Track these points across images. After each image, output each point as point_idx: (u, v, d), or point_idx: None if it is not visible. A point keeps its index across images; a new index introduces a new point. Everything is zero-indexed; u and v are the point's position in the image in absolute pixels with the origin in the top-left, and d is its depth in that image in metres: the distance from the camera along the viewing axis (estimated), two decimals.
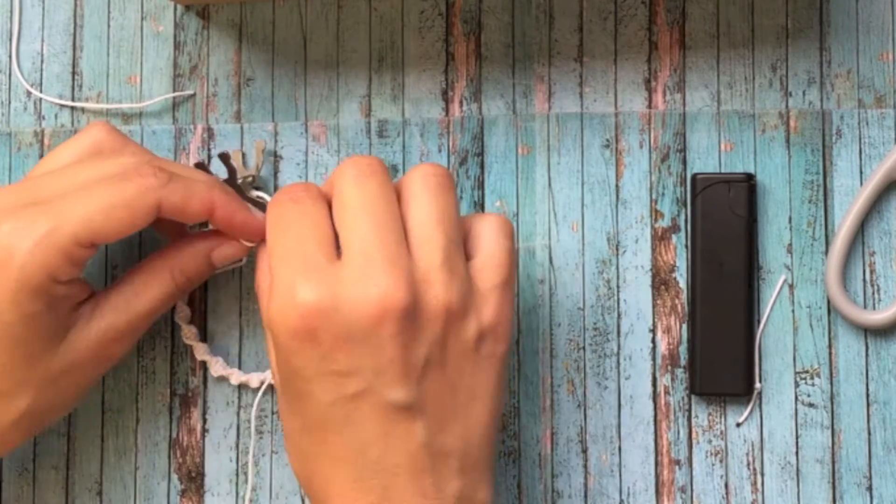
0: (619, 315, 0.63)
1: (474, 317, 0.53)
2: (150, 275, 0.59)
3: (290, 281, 0.52)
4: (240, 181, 0.63)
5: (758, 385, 0.62)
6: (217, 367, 0.63)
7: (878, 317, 0.61)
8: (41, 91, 0.66)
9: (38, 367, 0.56)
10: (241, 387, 0.64)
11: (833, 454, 0.61)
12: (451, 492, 0.53)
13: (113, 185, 0.55)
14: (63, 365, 0.57)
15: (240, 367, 0.64)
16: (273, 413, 0.64)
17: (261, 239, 0.58)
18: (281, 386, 0.55)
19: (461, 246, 0.54)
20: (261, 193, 0.63)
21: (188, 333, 0.63)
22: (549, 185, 0.63)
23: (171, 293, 0.59)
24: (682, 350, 0.62)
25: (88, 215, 0.54)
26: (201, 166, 0.63)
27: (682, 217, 0.63)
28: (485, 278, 0.54)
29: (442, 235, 0.53)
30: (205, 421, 0.64)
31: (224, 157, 0.63)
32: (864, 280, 0.62)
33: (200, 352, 0.63)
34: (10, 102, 0.66)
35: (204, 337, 0.64)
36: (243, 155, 0.64)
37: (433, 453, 0.52)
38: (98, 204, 0.55)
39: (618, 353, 0.63)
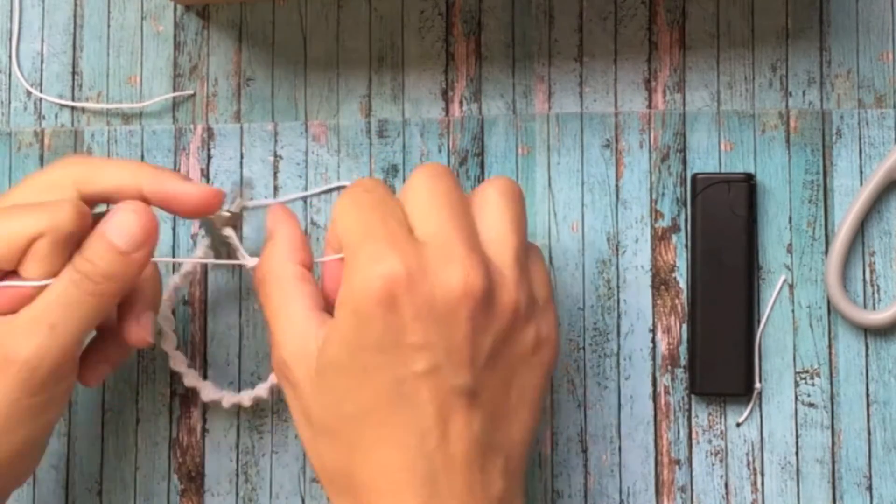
0: (619, 315, 0.63)
1: (534, 323, 0.54)
2: (59, 275, 0.55)
3: (376, 251, 0.52)
4: (214, 215, 0.60)
5: (758, 385, 0.62)
6: (208, 392, 0.63)
7: (878, 317, 0.61)
8: (41, 91, 0.66)
9: None
10: (240, 393, 0.64)
11: (833, 454, 0.61)
12: (494, 493, 0.53)
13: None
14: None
15: (239, 366, 0.64)
16: (273, 413, 0.64)
17: (197, 209, 0.56)
18: (337, 368, 0.52)
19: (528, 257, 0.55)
20: (231, 234, 0.60)
21: (176, 361, 0.63)
22: (549, 185, 0.63)
23: (75, 284, 0.54)
24: (682, 350, 0.62)
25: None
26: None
27: (682, 217, 0.63)
28: (539, 293, 0.55)
29: (514, 237, 0.54)
30: (205, 421, 0.64)
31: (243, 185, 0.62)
32: (864, 280, 0.62)
33: (190, 379, 0.63)
34: (10, 102, 0.66)
35: (204, 334, 0.64)
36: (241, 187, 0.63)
37: (485, 449, 0.52)
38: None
39: (618, 353, 0.63)
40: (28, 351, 0.54)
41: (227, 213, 0.61)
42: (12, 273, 0.55)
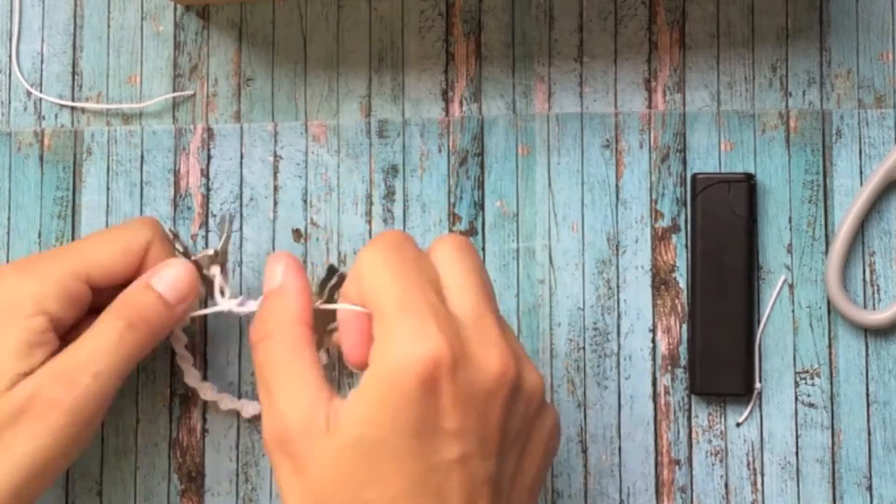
0: (619, 315, 0.63)
1: (550, 409, 0.53)
2: (99, 320, 0.57)
3: (418, 328, 0.49)
4: (197, 256, 0.59)
5: (758, 385, 0.62)
6: (227, 403, 0.63)
7: (878, 317, 0.61)
8: (41, 91, 0.66)
9: None
10: (242, 394, 0.64)
11: (833, 454, 0.61)
12: None
13: (110, 230, 0.60)
14: (10, 407, 0.55)
15: (239, 366, 0.64)
16: None
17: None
18: (363, 450, 0.49)
19: None
20: (216, 273, 0.59)
21: (191, 377, 0.63)
22: (549, 185, 0.63)
23: (120, 334, 0.56)
24: (682, 350, 0.62)
25: (86, 249, 0.58)
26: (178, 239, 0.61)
27: (682, 217, 0.63)
28: None
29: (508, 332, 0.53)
30: (205, 421, 0.64)
31: (174, 235, 0.60)
32: (864, 280, 0.62)
33: (207, 393, 0.63)
34: (10, 102, 0.66)
35: (205, 334, 0.64)
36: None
37: None
38: (95, 241, 0.59)
39: (618, 353, 0.63)
40: (71, 398, 0.55)
41: (211, 253, 0.60)
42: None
